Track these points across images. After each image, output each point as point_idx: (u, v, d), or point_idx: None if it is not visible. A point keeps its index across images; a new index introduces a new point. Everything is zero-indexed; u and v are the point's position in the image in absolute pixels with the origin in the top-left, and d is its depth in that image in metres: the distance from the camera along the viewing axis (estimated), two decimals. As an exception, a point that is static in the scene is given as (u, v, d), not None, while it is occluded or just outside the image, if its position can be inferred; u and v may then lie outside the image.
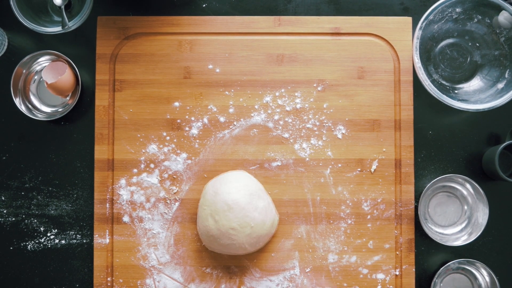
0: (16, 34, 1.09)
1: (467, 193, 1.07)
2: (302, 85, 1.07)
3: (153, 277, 1.04)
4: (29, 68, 1.08)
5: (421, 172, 1.08)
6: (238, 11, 1.10)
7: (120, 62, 1.07)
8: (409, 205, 1.05)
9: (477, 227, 1.04)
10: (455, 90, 1.08)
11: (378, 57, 1.07)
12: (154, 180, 1.06)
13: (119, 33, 1.07)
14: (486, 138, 1.09)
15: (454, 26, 1.07)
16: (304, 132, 1.06)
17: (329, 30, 1.08)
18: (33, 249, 1.07)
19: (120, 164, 1.06)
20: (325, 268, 1.05)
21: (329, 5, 1.11)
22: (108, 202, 1.05)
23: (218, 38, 1.08)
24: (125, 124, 1.06)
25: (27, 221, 1.07)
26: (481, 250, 1.07)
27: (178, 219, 1.05)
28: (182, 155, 1.06)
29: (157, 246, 1.05)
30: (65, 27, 1.04)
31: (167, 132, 1.06)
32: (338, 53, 1.07)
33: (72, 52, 1.08)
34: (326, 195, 1.05)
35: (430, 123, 1.09)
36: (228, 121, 1.06)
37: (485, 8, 1.03)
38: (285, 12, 1.10)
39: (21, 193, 1.08)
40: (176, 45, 1.07)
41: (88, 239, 1.07)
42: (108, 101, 1.07)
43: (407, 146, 1.06)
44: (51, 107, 1.10)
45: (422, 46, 1.06)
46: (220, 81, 1.07)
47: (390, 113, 1.06)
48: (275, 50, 1.07)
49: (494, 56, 1.07)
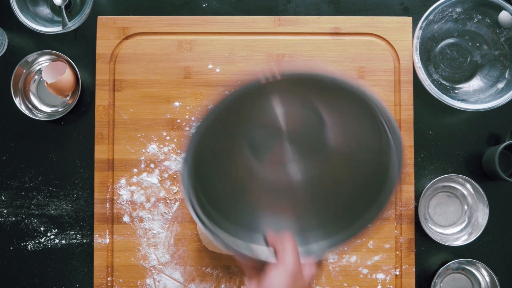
0: (16, 34, 1.09)
1: (467, 193, 1.07)
2: (302, 85, 1.07)
3: (153, 277, 1.04)
4: (29, 68, 1.08)
5: (421, 172, 1.08)
6: (238, 11, 1.10)
7: (120, 62, 1.07)
8: (409, 205, 1.05)
9: (477, 227, 1.04)
10: (455, 90, 1.08)
11: (378, 57, 1.07)
12: (154, 180, 1.06)
13: (119, 33, 1.07)
14: (486, 138, 1.09)
15: (454, 26, 1.07)
16: (304, 132, 1.06)
17: (329, 30, 1.08)
18: (33, 249, 1.07)
19: (120, 164, 1.06)
20: (325, 268, 1.05)
21: (329, 5, 1.11)
22: (108, 202, 1.05)
23: (218, 38, 1.08)
24: (125, 124, 1.06)
25: (27, 221, 1.07)
26: (481, 250, 1.07)
27: (178, 219, 1.05)
28: (182, 155, 1.06)
29: (157, 246, 1.05)
30: (65, 27, 1.04)
31: (167, 132, 1.06)
32: (338, 53, 1.07)
33: (72, 52, 1.08)
34: (326, 195, 1.05)
35: (430, 123, 1.09)
36: (228, 121, 1.06)
37: (485, 8, 1.03)
38: (285, 12, 1.10)
39: (21, 193, 1.08)
40: (176, 45, 1.07)
41: (88, 239, 1.07)
42: (108, 101, 1.07)
43: (407, 146, 1.06)
44: (51, 107, 1.10)
45: (422, 46, 1.06)
46: (220, 81, 1.07)
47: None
48: (275, 50, 1.07)
49: (494, 56, 1.07)
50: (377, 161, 0.77)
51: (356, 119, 0.78)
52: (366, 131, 0.77)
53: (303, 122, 0.82)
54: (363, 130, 0.78)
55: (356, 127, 0.80)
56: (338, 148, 0.83)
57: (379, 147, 0.76)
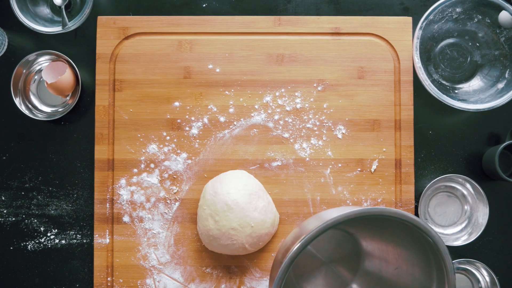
0: (16, 34, 1.09)
1: (467, 193, 1.07)
2: (302, 85, 1.07)
3: (153, 277, 1.04)
4: (29, 68, 1.08)
5: (421, 172, 1.08)
6: (238, 11, 1.10)
7: (120, 62, 1.07)
8: (409, 205, 1.05)
9: (477, 227, 1.04)
10: (455, 90, 1.08)
11: (378, 57, 1.07)
12: (154, 180, 1.06)
13: (119, 33, 1.07)
14: (486, 138, 1.09)
15: (454, 26, 1.07)
16: (304, 132, 1.06)
17: (329, 30, 1.08)
18: (33, 249, 1.07)
19: (120, 164, 1.06)
20: None
21: (329, 5, 1.11)
22: (108, 202, 1.05)
23: (218, 38, 1.08)
24: (125, 124, 1.06)
25: (27, 221, 1.07)
26: (481, 250, 1.07)
27: (178, 219, 1.05)
28: (182, 155, 1.06)
29: (157, 246, 1.05)
30: (65, 27, 1.04)
31: (167, 132, 1.06)
32: (338, 53, 1.07)
33: (72, 52, 1.08)
34: (326, 195, 1.05)
35: (430, 123, 1.09)
36: (228, 121, 1.06)
37: (485, 8, 1.03)
38: (285, 12, 1.10)
39: (21, 193, 1.08)
40: (176, 45, 1.07)
41: (88, 239, 1.07)
42: (108, 101, 1.07)
43: (407, 146, 1.06)
44: (51, 107, 1.10)
45: (422, 46, 1.06)
46: (220, 81, 1.07)
47: (390, 113, 1.06)
48: (275, 50, 1.07)
49: (494, 56, 1.07)
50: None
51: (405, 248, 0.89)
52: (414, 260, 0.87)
53: (343, 250, 1.00)
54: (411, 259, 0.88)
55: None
56: (373, 271, 0.97)
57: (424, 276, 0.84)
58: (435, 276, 0.81)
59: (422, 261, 0.83)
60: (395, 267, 0.91)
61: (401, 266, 0.89)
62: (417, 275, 0.85)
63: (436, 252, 0.78)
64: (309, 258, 1.00)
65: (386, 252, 0.93)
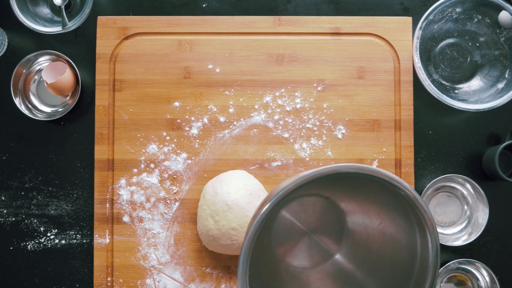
0: (16, 34, 1.09)
1: (467, 193, 1.07)
2: (302, 85, 1.07)
3: (153, 277, 1.04)
4: (29, 68, 1.08)
5: (421, 172, 1.08)
6: (238, 11, 1.10)
7: (120, 62, 1.07)
8: (409, 205, 1.05)
9: (477, 227, 1.04)
10: (455, 90, 1.08)
11: (378, 57, 1.07)
12: (154, 180, 1.06)
13: (119, 33, 1.07)
14: (486, 138, 1.09)
15: (454, 26, 1.07)
16: (304, 132, 1.06)
17: (329, 30, 1.08)
18: (33, 249, 1.07)
19: (120, 164, 1.06)
20: None
21: (329, 5, 1.11)
22: (108, 202, 1.05)
23: (218, 38, 1.08)
24: (125, 124, 1.06)
25: (27, 221, 1.07)
26: (481, 250, 1.07)
27: (178, 219, 1.05)
28: (182, 155, 1.06)
29: (157, 246, 1.05)
30: (65, 27, 1.04)
31: (167, 132, 1.06)
32: (338, 53, 1.07)
33: (72, 52, 1.09)
34: (326, 195, 1.05)
35: (430, 123, 1.09)
36: (228, 121, 1.06)
37: (485, 8, 1.03)
38: (285, 12, 1.10)
39: (21, 193, 1.08)
40: (176, 45, 1.07)
41: (88, 239, 1.07)
42: (108, 101, 1.07)
43: (407, 146, 1.06)
44: (51, 107, 1.10)
45: (422, 46, 1.06)
46: (220, 81, 1.07)
47: (390, 113, 1.06)
48: (275, 50, 1.07)
49: (494, 56, 1.07)
50: (406, 243, 0.84)
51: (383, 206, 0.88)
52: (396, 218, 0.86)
53: (323, 217, 0.98)
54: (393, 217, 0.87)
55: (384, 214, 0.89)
56: (359, 231, 0.95)
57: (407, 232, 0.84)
58: (416, 227, 0.81)
59: (401, 212, 0.83)
60: (379, 222, 0.89)
61: (384, 221, 0.88)
62: (401, 224, 0.84)
63: (410, 202, 0.78)
64: (289, 227, 0.98)
65: (367, 209, 0.92)
